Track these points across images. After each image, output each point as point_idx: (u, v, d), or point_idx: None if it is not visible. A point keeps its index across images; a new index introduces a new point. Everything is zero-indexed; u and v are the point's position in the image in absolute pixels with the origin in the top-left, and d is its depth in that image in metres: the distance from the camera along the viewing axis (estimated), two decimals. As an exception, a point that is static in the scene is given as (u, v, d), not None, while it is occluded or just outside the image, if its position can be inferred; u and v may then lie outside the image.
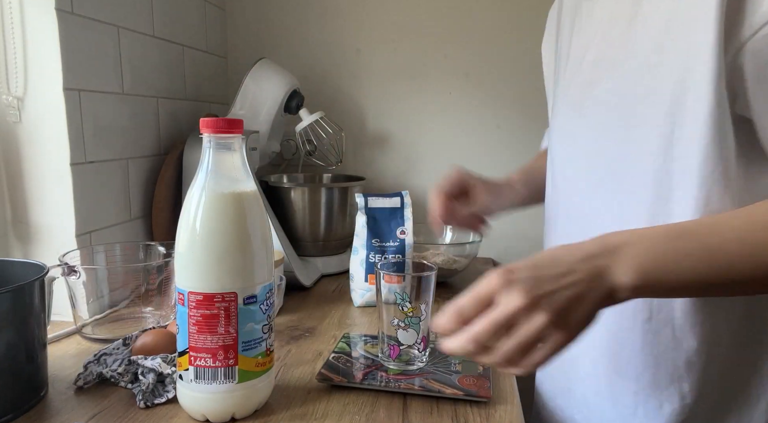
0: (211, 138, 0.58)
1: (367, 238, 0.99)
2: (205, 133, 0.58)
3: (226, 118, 0.58)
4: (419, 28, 1.36)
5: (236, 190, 0.58)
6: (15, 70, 0.83)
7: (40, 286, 0.62)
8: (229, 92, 1.43)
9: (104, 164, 0.94)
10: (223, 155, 0.58)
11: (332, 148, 1.35)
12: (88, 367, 0.67)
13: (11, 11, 0.81)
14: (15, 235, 0.88)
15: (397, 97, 1.38)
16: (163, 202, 1.06)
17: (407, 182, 1.40)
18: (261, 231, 0.60)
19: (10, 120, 0.84)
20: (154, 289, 0.83)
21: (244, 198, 0.58)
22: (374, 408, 0.63)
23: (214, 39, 1.36)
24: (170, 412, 0.61)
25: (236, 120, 0.58)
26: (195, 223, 0.57)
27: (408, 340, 0.70)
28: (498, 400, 0.65)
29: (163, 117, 1.13)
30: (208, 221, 0.57)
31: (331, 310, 0.96)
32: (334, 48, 1.39)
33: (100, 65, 0.92)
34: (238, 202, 0.58)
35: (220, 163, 0.58)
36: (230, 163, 0.59)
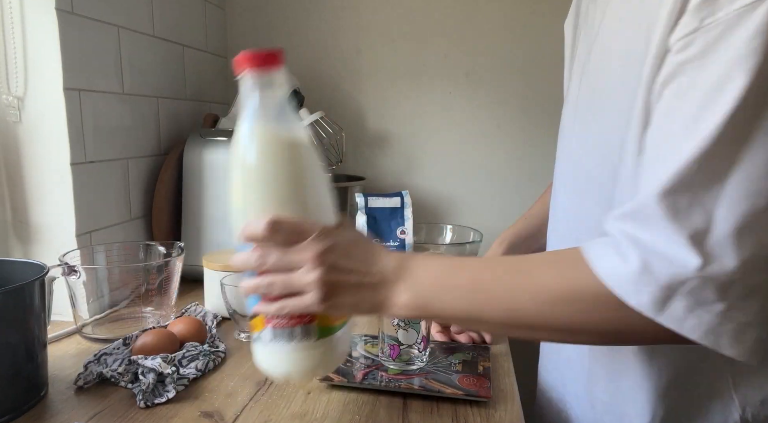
0: (257, 76, 0.50)
1: (368, 238, 0.99)
2: (249, 72, 0.50)
3: (267, 51, 0.51)
4: (419, 28, 1.36)
5: (292, 135, 0.51)
6: (15, 70, 0.83)
7: (40, 285, 0.63)
8: (229, 92, 1.43)
9: (104, 164, 0.94)
10: (268, 96, 0.51)
11: (332, 148, 1.35)
12: (89, 366, 0.67)
13: (11, 11, 0.81)
14: (15, 235, 0.88)
15: (398, 96, 1.38)
16: (163, 201, 1.06)
17: (407, 182, 1.40)
18: (321, 176, 0.54)
19: (10, 120, 0.84)
20: (154, 288, 0.83)
21: (301, 143, 0.51)
22: (374, 408, 0.63)
23: (215, 39, 1.36)
24: (170, 411, 0.61)
25: (276, 50, 0.52)
26: (252, 175, 0.50)
27: (408, 340, 0.70)
28: (498, 400, 0.65)
29: (164, 117, 1.13)
30: (265, 173, 0.50)
31: (332, 310, 0.96)
32: (334, 48, 1.39)
33: (101, 65, 0.92)
34: (296, 148, 0.51)
35: (267, 106, 0.51)
36: (276, 103, 0.52)
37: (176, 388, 0.65)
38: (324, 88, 1.40)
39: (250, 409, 0.62)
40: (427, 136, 1.39)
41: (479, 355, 0.75)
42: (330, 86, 1.40)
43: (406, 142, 1.40)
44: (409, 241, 1.00)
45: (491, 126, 1.37)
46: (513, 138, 1.36)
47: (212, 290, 0.89)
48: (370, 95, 1.40)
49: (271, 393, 0.66)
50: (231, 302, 0.82)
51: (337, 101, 1.40)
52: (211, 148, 1.04)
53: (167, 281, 0.84)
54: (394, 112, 1.39)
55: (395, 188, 1.37)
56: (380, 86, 1.39)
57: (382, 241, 0.99)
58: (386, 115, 1.40)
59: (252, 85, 0.51)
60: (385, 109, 1.40)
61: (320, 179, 0.54)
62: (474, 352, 0.76)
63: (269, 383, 0.69)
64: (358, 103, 1.40)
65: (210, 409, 0.62)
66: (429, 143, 1.39)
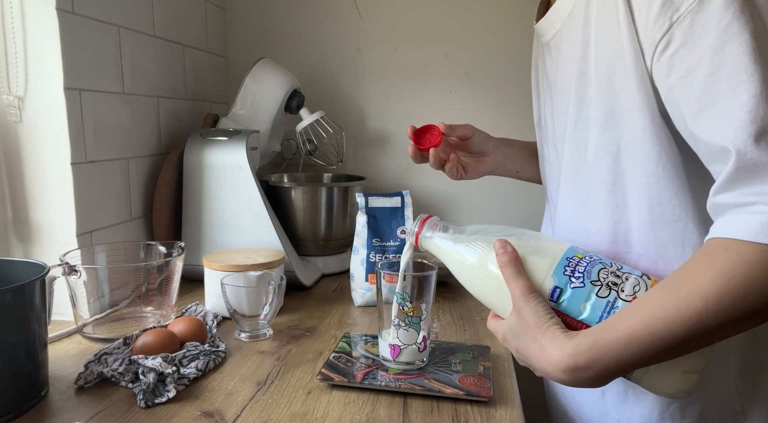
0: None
1: (368, 237, 0.99)
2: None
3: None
4: (419, 27, 1.36)
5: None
6: (16, 70, 0.83)
7: (40, 285, 0.63)
8: (229, 92, 1.43)
9: (105, 164, 0.94)
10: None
11: (333, 147, 1.35)
12: (89, 366, 0.67)
13: (12, 11, 0.81)
14: (16, 235, 0.88)
15: (398, 96, 1.38)
16: (163, 201, 1.06)
17: (407, 182, 1.40)
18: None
19: (10, 119, 0.84)
20: (154, 288, 0.83)
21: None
22: (375, 407, 0.63)
23: (215, 39, 1.36)
24: (171, 411, 0.61)
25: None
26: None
27: (408, 340, 0.70)
28: (498, 400, 0.65)
29: (164, 117, 1.13)
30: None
31: (332, 310, 0.96)
32: (334, 48, 1.39)
33: (101, 65, 0.92)
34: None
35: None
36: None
37: (177, 388, 0.65)
38: (324, 88, 1.40)
39: (250, 408, 0.62)
40: (427, 136, 1.39)
41: (479, 355, 0.75)
42: (330, 86, 1.40)
43: (407, 141, 1.39)
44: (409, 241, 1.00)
45: (491, 126, 1.36)
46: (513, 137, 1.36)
47: (213, 290, 0.89)
48: (370, 95, 1.40)
49: (272, 393, 0.66)
50: (231, 302, 0.82)
51: (338, 101, 1.40)
52: (211, 148, 1.04)
53: (168, 281, 0.84)
54: (395, 112, 1.39)
55: (395, 188, 1.37)
56: (380, 86, 1.39)
57: (383, 241, 1.00)
58: (386, 114, 1.40)
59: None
60: (386, 108, 1.40)
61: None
62: (474, 352, 0.76)
63: (269, 383, 0.69)
64: (358, 103, 1.40)
65: (210, 408, 0.62)
66: (429, 143, 1.39)
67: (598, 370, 0.50)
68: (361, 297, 0.98)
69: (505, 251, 0.59)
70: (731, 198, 0.49)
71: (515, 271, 0.57)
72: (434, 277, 0.71)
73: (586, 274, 0.56)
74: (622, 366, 0.50)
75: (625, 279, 0.55)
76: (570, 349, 0.50)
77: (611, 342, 0.49)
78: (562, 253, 0.58)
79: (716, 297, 0.46)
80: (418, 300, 0.70)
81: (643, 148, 0.58)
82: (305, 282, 1.05)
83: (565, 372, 0.50)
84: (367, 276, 0.98)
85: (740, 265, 0.45)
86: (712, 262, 0.47)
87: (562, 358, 0.50)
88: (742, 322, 0.47)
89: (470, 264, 0.62)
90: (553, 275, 0.57)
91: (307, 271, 1.09)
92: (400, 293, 0.69)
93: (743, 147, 0.46)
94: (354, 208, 1.07)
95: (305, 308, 0.97)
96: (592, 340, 0.50)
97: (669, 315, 0.47)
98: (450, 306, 0.99)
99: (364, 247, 0.99)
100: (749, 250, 0.45)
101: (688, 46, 0.50)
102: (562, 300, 0.56)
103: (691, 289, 0.47)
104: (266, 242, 1.02)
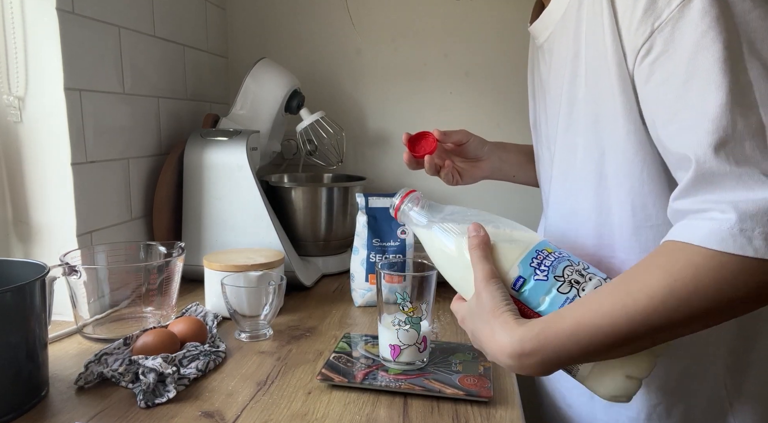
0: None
1: (368, 237, 0.99)
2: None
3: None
4: (419, 28, 1.36)
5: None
6: (16, 70, 0.83)
7: (41, 285, 0.63)
8: (229, 92, 1.43)
9: (105, 164, 0.94)
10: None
11: (333, 147, 1.35)
12: (89, 366, 0.67)
13: (12, 11, 0.81)
14: (16, 235, 0.88)
15: (398, 96, 1.38)
16: (163, 201, 1.06)
17: (407, 182, 1.40)
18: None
19: (11, 120, 0.84)
20: (154, 288, 0.83)
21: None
22: (375, 408, 0.63)
23: (215, 39, 1.36)
24: (171, 411, 0.61)
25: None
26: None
27: (409, 340, 0.70)
28: (498, 400, 0.65)
29: (164, 117, 1.13)
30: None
31: (332, 310, 0.96)
32: (334, 48, 1.39)
33: (101, 65, 0.92)
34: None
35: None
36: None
37: (177, 388, 0.65)
38: (324, 88, 1.40)
39: (250, 409, 0.62)
40: (427, 136, 1.39)
41: (479, 355, 0.75)
42: (330, 86, 1.40)
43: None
44: (410, 241, 1.00)
45: (491, 126, 1.37)
46: (513, 138, 1.35)
47: (213, 290, 0.89)
48: (370, 95, 1.40)
49: (272, 393, 0.66)
50: (231, 302, 0.82)
51: (338, 101, 1.40)
52: (211, 148, 1.04)
53: (168, 281, 0.84)
54: (395, 112, 1.39)
55: (395, 188, 1.36)
56: (380, 86, 1.39)
57: (383, 241, 1.00)
58: (386, 114, 1.40)
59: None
60: (386, 109, 1.40)
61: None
62: (474, 352, 0.76)
63: (270, 383, 0.69)
64: (358, 103, 1.40)
65: (210, 409, 0.62)
66: (429, 143, 1.39)
67: (543, 357, 0.50)
68: (361, 297, 0.98)
69: (477, 235, 0.59)
70: (688, 205, 0.49)
71: (482, 255, 0.58)
72: (434, 277, 0.71)
73: (552, 269, 0.56)
74: (566, 356, 0.50)
75: (588, 279, 0.56)
76: (518, 334, 0.51)
77: (558, 331, 0.50)
78: (533, 246, 0.59)
79: (662, 297, 0.46)
80: (418, 300, 0.70)
81: (626, 152, 0.59)
82: (305, 282, 1.05)
83: (511, 357, 0.51)
84: (368, 276, 0.98)
85: (688, 267, 0.46)
86: (662, 262, 0.48)
87: (509, 343, 0.51)
88: (686, 324, 0.48)
89: (442, 244, 0.63)
90: (519, 264, 0.58)
91: (307, 272, 1.09)
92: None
93: (702, 156, 0.47)
94: (354, 208, 1.07)
95: (305, 308, 0.97)
96: (540, 327, 0.51)
97: (615, 310, 0.48)
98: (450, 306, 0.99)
99: (365, 248, 0.99)
100: (698, 254, 0.46)
101: (668, 53, 0.50)
102: (523, 290, 0.57)
103: (640, 287, 0.48)
104: (266, 242, 1.02)
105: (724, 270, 0.45)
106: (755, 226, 0.44)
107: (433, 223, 0.64)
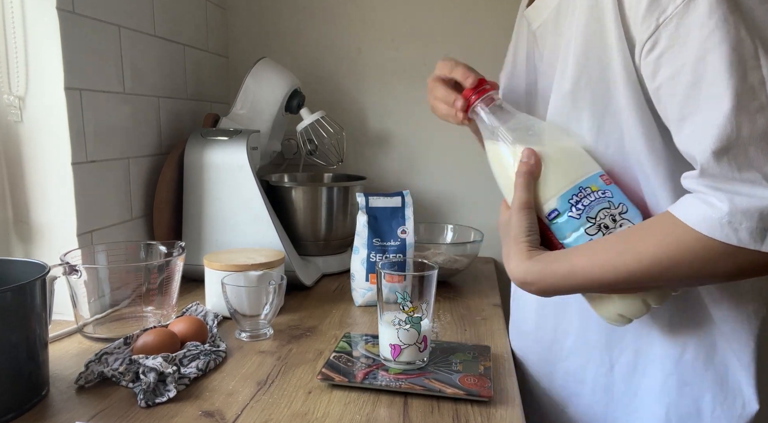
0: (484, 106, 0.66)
1: (368, 237, 0.99)
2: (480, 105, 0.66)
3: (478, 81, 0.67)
4: (420, 27, 1.36)
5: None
6: (16, 70, 0.83)
7: (41, 285, 0.63)
8: (230, 92, 1.43)
9: (105, 164, 0.94)
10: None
11: (333, 147, 1.35)
12: (90, 366, 0.67)
13: (12, 11, 0.81)
14: (16, 235, 0.88)
15: (398, 96, 1.38)
16: (163, 201, 1.06)
17: (408, 182, 1.40)
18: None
19: (11, 119, 0.84)
20: (155, 288, 0.83)
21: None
22: (375, 407, 0.63)
23: (215, 38, 1.36)
24: (171, 411, 0.62)
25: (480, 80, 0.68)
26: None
27: (409, 340, 0.70)
28: (499, 400, 0.65)
29: (164, 116, 1.13)
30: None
31: (332, 310, 0.96)
32: (335, 47, 1.39)
33: (102, 65, 0.92)
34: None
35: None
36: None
37: (177, 388, 0.65)
38: (325, 88, 1.40)
39: (250, 408, 0.62)
40: (427, 136, 1.39)
41: (480, 354, 0.75)
42: (331, 86, 1.40)
43: (407, 141, 1.40)
44: (410, 241, 1.00)
45: (492, 126, 1.37)
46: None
47: (213, 290, 0.89)
48: (370, 95, 1.40)
49: (272, 392, 0.66)
50: (232, 302, 0.82)
51: (338, 101, 1.40)
52: (211, 148, 1.04)
53: (168, 281, 0.84)
54: (395, 112, 1.39)
55: (396, 188, 1.37)
56: (381, 86, 1.39)
57: (383, 241, 1.00)
58: (387, 114, 1.40)
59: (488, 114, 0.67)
60: (386, 108, 1.40)
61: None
62: (474, 352, 0.76)
63: (270, 383, 0.69)
64: (358, 102, 1.40)
65: (211, 408, 0.62)
66: (430, 143, 1.39)
67: (541, 287, 0.60)
68: (361, 297, 0.98)
69: (527, 162, 0.61)
70: (694, 185, 0.52)
71: (525, 184, 0.61)
72: (435, 277, 0.71)
73: (587, 209, 0.59)
74: (562, 290, 0.60)
75: (619, 225, 0.59)
76: (524, 267, 0.60)
77: (554, 271, 0.58)
78: (579, 181, 0.60)
79: (648, 263, 0.53)
80: (418, 300, 0.70)
81: (632, 138, 0.59)
82: (306, 282, 1.05)
83: (516, 279, 0.62)
84: (368, 276, 0.98)
85: (678, 244, 0.51)
86: (657, 233, 0.53)
87: (516, 270, 0.61)
88: (664, 284, 0.57)
89: (498, 152, 0.65)
90: (559, 198, 0.60)
91: (307, 271, 1.09)
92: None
93: (706, 163, 0.49)
94: (354, 208, 1.07)
95: (306, 308, 0.97)
96: (542, 266, 0.59)
97: (605, 264, 0.55)
98: (450, 306, 0.99)
99: (365, 247, 0.99)
100: (689, 234, 0.50)
101: (674, 49, 0.50)
102: (555, 222, 0.61)
103: (630, 251, 0.54)
104: (267, 242, 1.02)
105: (708, 252, 0.50)
106: (743, 221, 0.47)
107: (496, 128, 0.66)
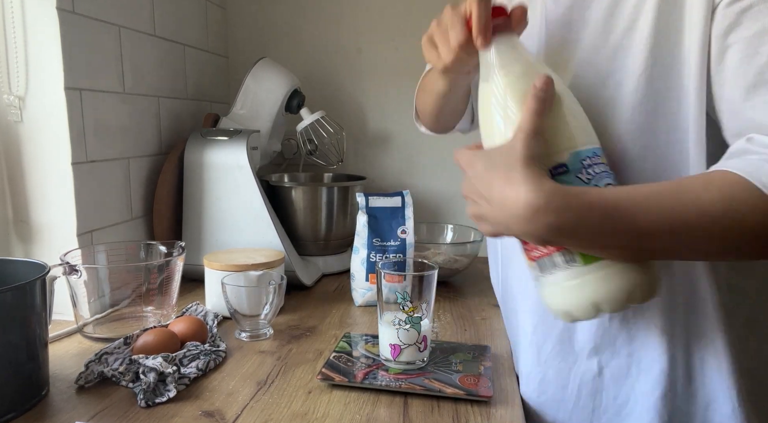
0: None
1: (368, 237, 0.99)
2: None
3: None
4: (420, 27, 1.35)
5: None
6: (16, 70, 0.83)
7: (41, 285, 0.63)
8: (230, 91, 1.43)
9: (105, 163, 0.94)
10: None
11: (333, 147, 1.35)
12: (90, 366, 0.67)
13: (12, 10, 0.81)
14: (16, 235, 0.88)
15: (398, 96, 1.38)
16: (164, 201, 1.06)
17: (408, 181, 1.40)
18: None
19: (11, 119, 0.84)
20: (155, 288, 0.83)
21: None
22: (375, 407, 0.63)
23: (215, 38, 1.36)
24: (171, 411, 0.62)
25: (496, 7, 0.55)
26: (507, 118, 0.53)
27: (409, 340, 0.70)
28: (499, 400, 0.65)
29: (164, 116, 1.13)
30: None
31: (332, 310, 0.96)
32: (335, 47, 1.39)
33: (102, 64, 0.92)
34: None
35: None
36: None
37: (177, 388, 0.65)
38: (325, 88, 1.40)
39: (250, 408, 0.62)
40: (427, 136, 1.38)
41: (480, 354, 0.75)
42: (331, 86, 1.40)
43: (407, 141, 1.40)
44: (410, 241, 1.00)
45: (492, 125, 1.37)
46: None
47: (213, 290, 0.89)
48: (371, 95, 1.40)
49: (272, 392, 0.66)
50: (232, 302, 0.82)
51: (338, 101, 1.40)
52: (211, 148, 1.04)
53: (168, 281, 0.84)
54: (395, 112, 1.39)
55: (396, 188, 1.37)
56: (381, 85, 1.39)
57: (383, 241, 1.00)
58: (387, 114, 1.40)
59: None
60: (386, 108, 1.40)
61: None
62: (474, 352, 0.76)
63: (270, 382, 0.69)
64: (358, 102, 1.40)
65: (211, 408, 0.62)
66: (430, 142, 1.38)
67: (560, 219, 0.47)
68: (361, 297, 0.98)
69: (546, 88, 0.51)
70: (756, 147, 0.48)
71: (538, 110, 0.50)
72: (435, 277, 0.71)
73: (597, 178, 0.52)
74: (582, 230, 0.48)
75: None
76: (547, 188, 0.48)
77: (594, 201, 0.48)
78: (595, 147, 0.54)
79: (709, 218, 0.46)
80: (418, 300, 0.70)
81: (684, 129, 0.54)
82: (306, 282, 1.05)
83: (526, 207, 0.47)
84: (368, 276, 0.98)
85: (744, 202, 0.46)
86: (721, 186, 0.47)
87: (533, 192, 0.47)
88: (712, 251, 0.50)
89: (498, 82, 0.55)
90: (572, 153, 0.52)
91: (307, 271, 1.09)
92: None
93: None
94: (354, 208, 1.07)
95: (306, 308, 0.97)
96: (579, 190, 0.49)
97: (661, 211, 0.47)
98: (450, 306, 0.99)
99: (365, 247, 0.99)
100: (755, 194, 0.45)
101: (766, 4, 0.46)
102: (559, 179, 0.51)
103: (695, 199, 0.47)
104: (267, 242, 1.02)
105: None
106: None
107: (516, 60, 0.56)
